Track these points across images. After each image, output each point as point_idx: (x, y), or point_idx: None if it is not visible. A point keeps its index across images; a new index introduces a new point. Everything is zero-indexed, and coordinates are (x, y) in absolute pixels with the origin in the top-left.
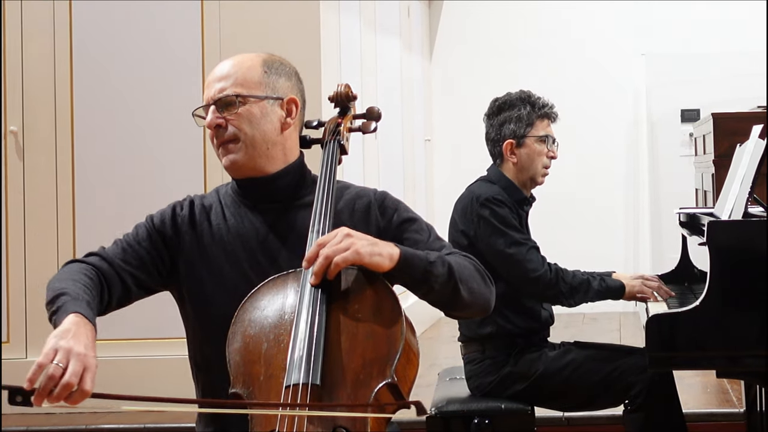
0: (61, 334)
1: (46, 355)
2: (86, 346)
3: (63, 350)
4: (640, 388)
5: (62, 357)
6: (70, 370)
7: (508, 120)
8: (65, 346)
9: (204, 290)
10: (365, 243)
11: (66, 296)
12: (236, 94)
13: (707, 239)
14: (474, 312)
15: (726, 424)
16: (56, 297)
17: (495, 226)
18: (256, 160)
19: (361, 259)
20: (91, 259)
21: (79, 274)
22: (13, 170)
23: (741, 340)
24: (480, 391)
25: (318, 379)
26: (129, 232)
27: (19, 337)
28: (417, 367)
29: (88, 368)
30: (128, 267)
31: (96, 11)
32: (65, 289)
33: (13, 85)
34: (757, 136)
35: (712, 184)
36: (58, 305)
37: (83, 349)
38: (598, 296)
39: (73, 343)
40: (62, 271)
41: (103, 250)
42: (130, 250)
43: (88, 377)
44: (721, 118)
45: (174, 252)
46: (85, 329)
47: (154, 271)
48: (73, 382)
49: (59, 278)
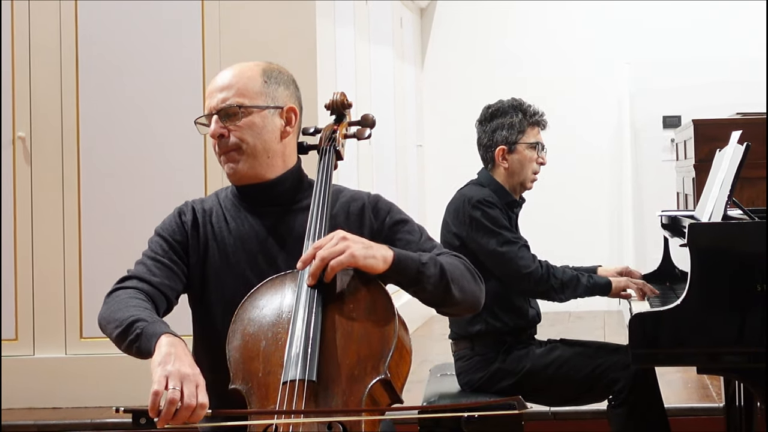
0: (164, 359)
1: (159, 382)
2: (190, 364)
3: (174, 375)
4: (623, 384)
5: (176, 381)
6: (187, 392)
7: (501, 127)
8: (173, 370)
9: (206, 291)
10: (360, 246)
11: (141, 322)
12: (238, 104)
13: (688, 240)
14: (465, 309)
15: (706, 419)
16: (130, 325)
17: (487, 227)
18: (257, 169)
19: (356, 262)
20: (131, 284)
21: (134, 300)
22: (22, 174)
23: (720, 338)
24: (470, 386)
25: (314, 375)
26: (147, 250)
27: (27, 336)
28: (410, 363)
29: (199, 385)
30: (165, 281)
31: (101, 23)
32: (135, 316)
33: (21, 92)
34: (735, 141)
35: (692, 188)
36: (136, 332)
37: (189, 369)
38: (586, 292)
39: (179, 365)
40: (113, 301)
41: (135, 272)
42: (160, 266)
43: (201, 394)
44: (702, 124)
45: (187, 256)
46: (181, 348)
47: (182, 278)
48: (193, 402)
49: (117, 308)
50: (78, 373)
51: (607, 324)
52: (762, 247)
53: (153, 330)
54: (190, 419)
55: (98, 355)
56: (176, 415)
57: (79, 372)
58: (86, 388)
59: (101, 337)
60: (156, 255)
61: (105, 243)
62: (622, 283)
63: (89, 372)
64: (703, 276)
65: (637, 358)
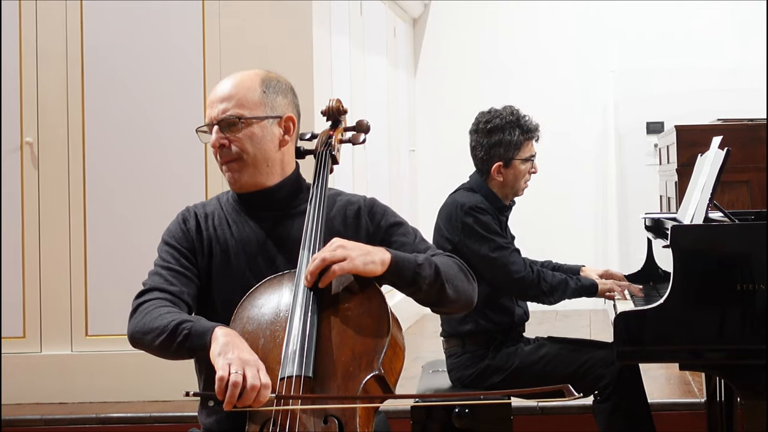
0: (223, 349)
1: (223, 369)
2: (248, 350)
3: (235, 361)
4: (608, 380)
5: (238, 367)
6: (250, 374)
7: (498, 144)
8: (234, 357)
9: (208, 291)
10: (359, 253)
11: (187, 323)
12: (238, 116)
13: (671, 242)
14: (459, 308)
15: (688, 413)
16: (176, 327)
17: (479, 233)
18: (257, 177)
19: (356, 269)
20: (154, 295)
21: (164, 307)
22: (29, 178)
23: (702, 336)
24: (460, 382)
25: (310, 371)
26: (158, 260)
27: (34, 333)
28: (403, 360)
29: (260, 369)
30: (183, 288)
31: (106, 33)
32: (177, 319)
33: (29, 99)
34: (716, 146)
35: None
36: (185, 333)
37: (248, 354)
38: (574, 294)
39: (238, 353)
40: (142, 314)
41: (152, 283)
42: (176, 274)
43: (264, 376)
44: (684, 130)
45: (195, 260)
46: (237, 337)
47: (197, 282)
48: (257, 384)
49: (151, 318)
50: (83, 369)
51: (592, 322)
52: (742, 247)
53: (202, 326)
54: (255, 400)
55: (103, 352)
56: (242, 398)
57: (85, 368)
58: (92, 383)
59: (106, 335)
60: (169, 264)
61: (109, 244)
62: (608, 285)
63: (94, 368)
64: (685, 276)
65: (621, 355)
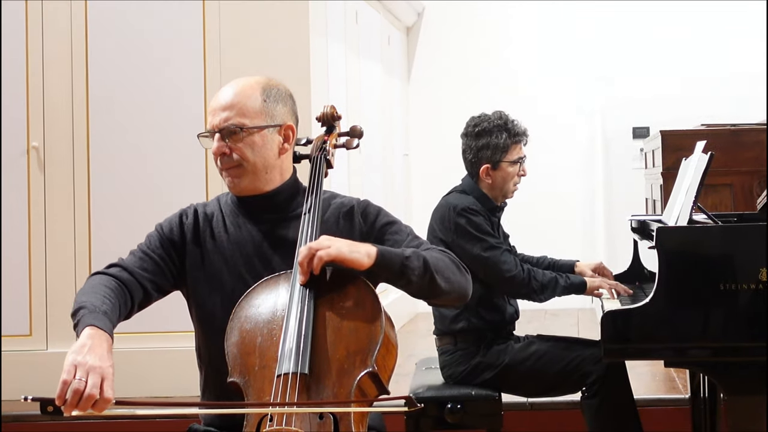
0: (78, 350)
1: (67, 372)
2: (101, 357)
3: (81, 366)
4: (596, 377)
5: (82, 372)
6: (90, 383)
7: (486, 147)
8: (82, 361)
9: (205, 291)
10: (344, 243)
11: (84, 309)
12: (240, 125)
13: (656, 243)
14: (453, 299)
15: (672, 409)
16: (77, 311)
17: (471, 233)
18: (257, 183)
19: (342, 255)
20: (112, 270)
21: (101, 286)
22: (35, 181)
23: (686, 334)
24: (453, 379)
25: (306, 368)
26: (142, 242)
27: (40, 331)
28: (396, 357)
29: (105, 378)
30: (146, 274)
31: (109, 39)
32: (84, 303)
33: (35, 104)
34: (700, 151)
35: (660, 194)
36: (78, 319)
37: (98, 362)
38: (564, 292)
39: (89, 358)
40: (86, 284)
41: (122, 260)
42: (147, 259)
43: (107, 386)
44: (669, 134)
45: (182, 256)
46: (99, 340)
47: (168, 275)
48: (95, 393)
49: (83, 291)
50: None
51: (581, 321)
52: (725, 248)
53: (87, 320)
54: (93, 409)
55: None
56: (80, 404)
57: None
58: None
59: None
60: (147, 248)
61: (113, 245)
62: (596, 283)
63: None
64: (670, 276)
65: (608, 353)
